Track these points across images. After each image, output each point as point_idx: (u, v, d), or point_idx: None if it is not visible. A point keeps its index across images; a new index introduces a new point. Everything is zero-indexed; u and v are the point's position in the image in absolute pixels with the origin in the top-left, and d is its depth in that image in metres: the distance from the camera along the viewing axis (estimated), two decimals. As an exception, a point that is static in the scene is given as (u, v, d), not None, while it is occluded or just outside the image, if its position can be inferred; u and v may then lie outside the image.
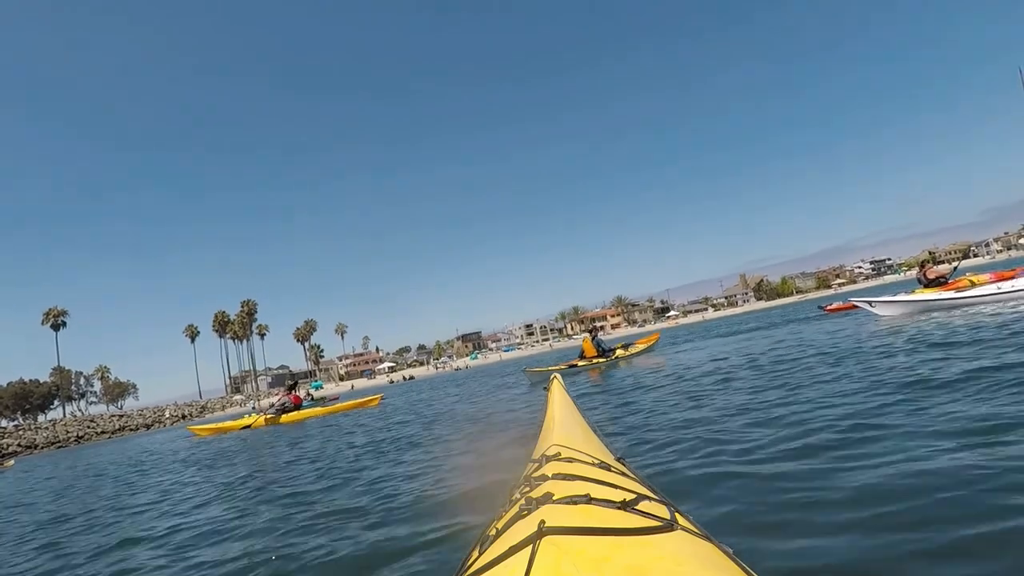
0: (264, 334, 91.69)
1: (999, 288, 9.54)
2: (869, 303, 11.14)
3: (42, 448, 41.41)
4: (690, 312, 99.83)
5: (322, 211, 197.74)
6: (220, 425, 14.62)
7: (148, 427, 52.00)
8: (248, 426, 13.52)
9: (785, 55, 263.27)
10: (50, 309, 67.71)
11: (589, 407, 6.10)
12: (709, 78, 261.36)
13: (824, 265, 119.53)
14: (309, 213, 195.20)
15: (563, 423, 1.99)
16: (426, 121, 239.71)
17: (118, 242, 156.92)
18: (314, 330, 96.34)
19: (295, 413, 13.68)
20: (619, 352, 13.87)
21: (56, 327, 67.79)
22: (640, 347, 14.94)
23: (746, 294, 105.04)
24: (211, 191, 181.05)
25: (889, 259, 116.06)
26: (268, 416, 13.62)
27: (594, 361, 13.31)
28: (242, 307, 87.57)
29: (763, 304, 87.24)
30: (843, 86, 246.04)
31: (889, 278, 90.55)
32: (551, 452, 1.57)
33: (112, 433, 49.04)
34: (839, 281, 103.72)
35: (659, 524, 0.98)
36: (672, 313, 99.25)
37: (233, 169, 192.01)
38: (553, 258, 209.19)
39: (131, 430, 50.63)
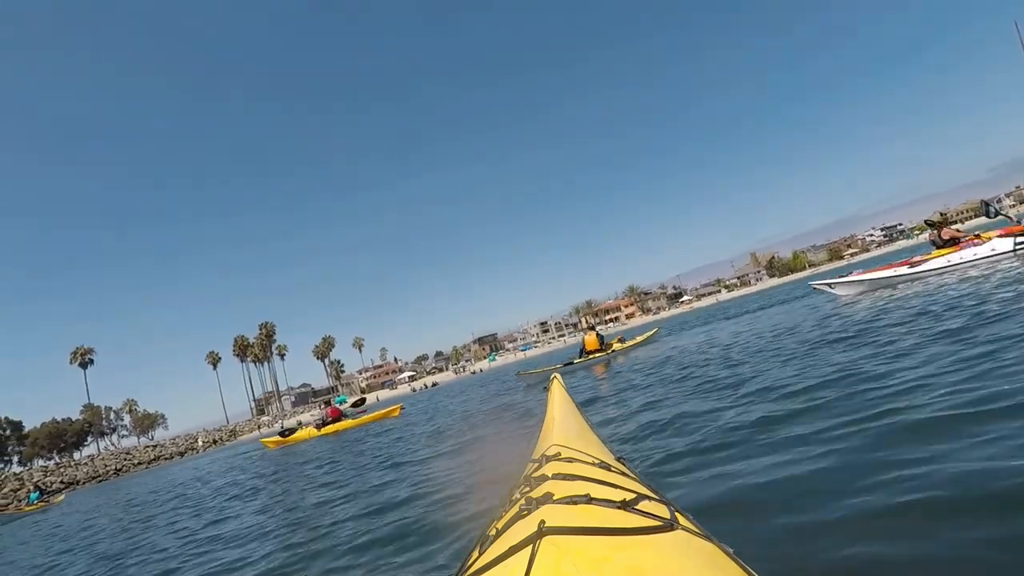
0: (284, 354, 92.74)
1: (948, 261, 10.00)
2: (829, 285, 11.64)
3: (84, 483, 42.44)
4: (703, 295, 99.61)
5: (329, 228, 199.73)
6: (282, 439, 16.34)
7: (182, 455, 53.12)
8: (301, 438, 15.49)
9: (777, 29, 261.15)
10: (77, 348, 69.21)
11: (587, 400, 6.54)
12: (700, 59, 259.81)
13: (835, 237, 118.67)
14: (316, 231, 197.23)
15: (563, 423, 2.01)
16: (428, 129, 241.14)
17: (133, 277, 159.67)
18: (332, 346, 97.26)
19: (334, 425, 15.16)
20: (615, 346, 14.29)
21: (84, 365, 69.31)
22: (638, 340, 15.33)
23: (758, 272, 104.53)
24: (215, 217, 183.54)
25: (900, 224, 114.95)
26: (315, 429, 15.26)
27: (590, 357, 13.69)
28: (260, 330, 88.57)
29: (776, 281, 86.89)
30: (832, 56, 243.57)
31: (901, 243, 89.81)
32: (551, 452, 1.58)
33: (148, 463, 50.15)
34: (851, 251, 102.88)
35: (659, 524, 0.99)
36: (686, 298, 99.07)
37: (235, 194, 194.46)
38: (562, 255, 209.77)
39: (166, 459, 51.76)
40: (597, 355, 13.71)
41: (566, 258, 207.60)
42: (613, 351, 13.95)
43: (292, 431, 16.09)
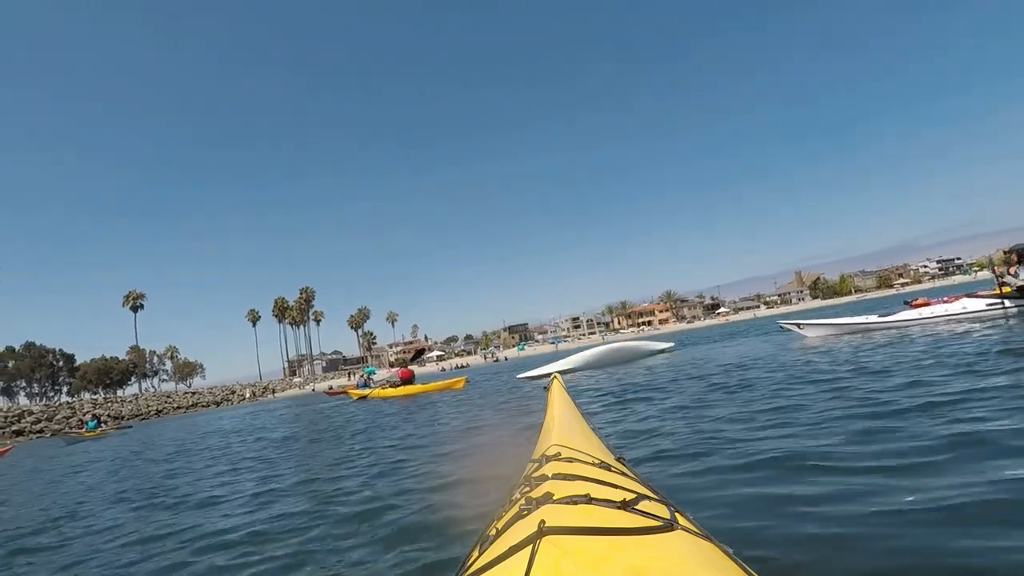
0: (320, 320, 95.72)
1: (919, 314, 10.27)
2: (797, 325, 11.71)
3: (127, 419, 45.06)
4: (741, 309, 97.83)
5: (376, 203, 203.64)
6: (365, 391, 17.10)
7: (218, 404, 55.66)
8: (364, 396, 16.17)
9: (849, 45, 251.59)
10: (130, 292, 72.85)
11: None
12: (765, 71, 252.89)
13: (886, 264, 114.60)
14: (364, 205, 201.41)
15: (563, 423, 2.00)
16: (473, 117, 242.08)
17: (188, 230, 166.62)
18: (367, 318, 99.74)
19: (403, 388, 15.12)
20: None
21: (135, 308, 72.93)
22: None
23: (801, 292, 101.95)
24: (271, 184, 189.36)
25: (958, 259, 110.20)
26: (388, 387, 15.63)
27: None
28: (300, 294, 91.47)
29: (819, 303, 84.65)
30: (902, 81, 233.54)
31: (957, 278, 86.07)
32: (551, 452, 1.58)
33: (186, 408, 52.82)
34: (902, 281, 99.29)
35: (659, 524, 0.99)
36: (723, 310, 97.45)
37: (291, 162, 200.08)
38: (602, 253, 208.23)
39: (203, 406, 54.33)
40: None
41: (606, 257, 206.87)
42: None
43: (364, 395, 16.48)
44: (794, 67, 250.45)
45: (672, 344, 15.98)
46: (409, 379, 15.60)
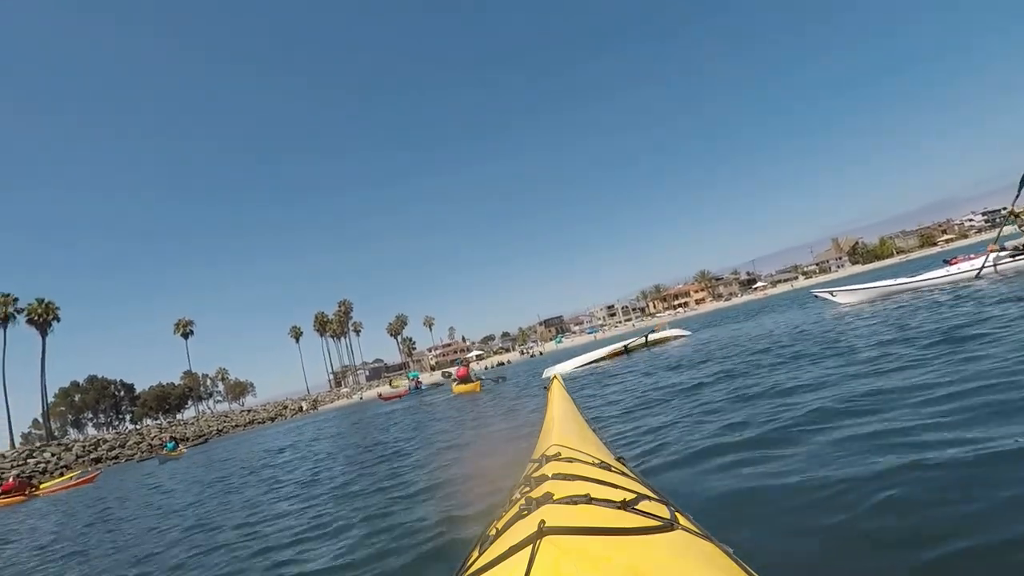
0: (359, 331, 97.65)
1: (947, 272, 10.35)
2: (830, 292, 11.70)
3: (191, 441, 47.25)
4: (779, 282, 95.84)
5: (400, 211, 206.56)
6: (457, 388, 17.06)
7: (272, 420, 57.76)
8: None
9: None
10: (180, 320, 75.69)
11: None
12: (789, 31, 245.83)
13: (927, 222, 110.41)
14: (392, 213, 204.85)
15: (563, 423, 2.01)
16: (498, 117, 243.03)
17: (226, 252, 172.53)
18: (405, 324, 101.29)
19: (463, 385, 16.08)
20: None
21: (186, 335, 75.83)
22: (668, 335, 16.27)
23: (840, 259, 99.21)
24: (297, 200, 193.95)
25: (1004, 208, 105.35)
26: (455, 386, 16.48)
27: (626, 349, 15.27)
28: (339, 307, 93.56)
29: (859, 268, 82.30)
30: (941, 23, 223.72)
31: (1007, 229, 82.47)
32: (551, 452, 1.59)
33: (244, 426, 54.98)
34: (946, 237, 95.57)
35: (659, 524, 0.99)
36: (760, 284, 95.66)
37: (311, 176, 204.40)
38: (631, 239, 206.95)
39: (259, 423, 56.49)
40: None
41: (636, 243, 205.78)
42: (627, 349, 15.30)
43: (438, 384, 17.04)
44: (807, 25, 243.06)
45: (681, 331, 16.71)
46: (467, 377, 16.45)
